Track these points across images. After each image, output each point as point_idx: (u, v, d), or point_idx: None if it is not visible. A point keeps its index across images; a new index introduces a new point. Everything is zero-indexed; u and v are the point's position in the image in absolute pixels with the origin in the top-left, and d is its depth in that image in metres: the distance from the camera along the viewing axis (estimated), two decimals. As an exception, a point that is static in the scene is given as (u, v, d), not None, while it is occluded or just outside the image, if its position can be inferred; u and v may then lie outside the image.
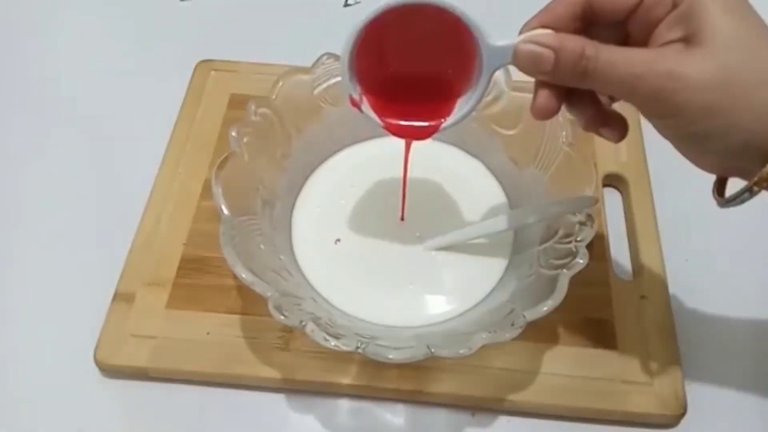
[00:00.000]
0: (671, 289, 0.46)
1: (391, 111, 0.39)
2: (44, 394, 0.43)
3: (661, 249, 0.48)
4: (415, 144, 0.43)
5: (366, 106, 0.39)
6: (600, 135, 0.36)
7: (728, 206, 0.34)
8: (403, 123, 0.40)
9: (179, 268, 0.47)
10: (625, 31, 0.34)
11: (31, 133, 0.56)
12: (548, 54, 0.33)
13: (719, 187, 0.35)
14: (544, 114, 0.35)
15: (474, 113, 0.38)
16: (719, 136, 0.31)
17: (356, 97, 0.38)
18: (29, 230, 0.51)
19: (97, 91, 0.58)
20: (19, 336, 0.46)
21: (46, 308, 0.47)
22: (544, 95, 0.34)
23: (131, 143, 0.55)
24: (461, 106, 0.38)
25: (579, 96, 0.35)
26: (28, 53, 0.62)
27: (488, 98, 0.47)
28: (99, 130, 0.56)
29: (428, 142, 0.51)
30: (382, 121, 0.39)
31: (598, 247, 0.47)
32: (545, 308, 0.37)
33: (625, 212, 0.50)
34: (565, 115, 0.44)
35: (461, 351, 0.36)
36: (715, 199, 0.35)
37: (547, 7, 0.34)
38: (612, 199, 0.51)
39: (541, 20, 0.34)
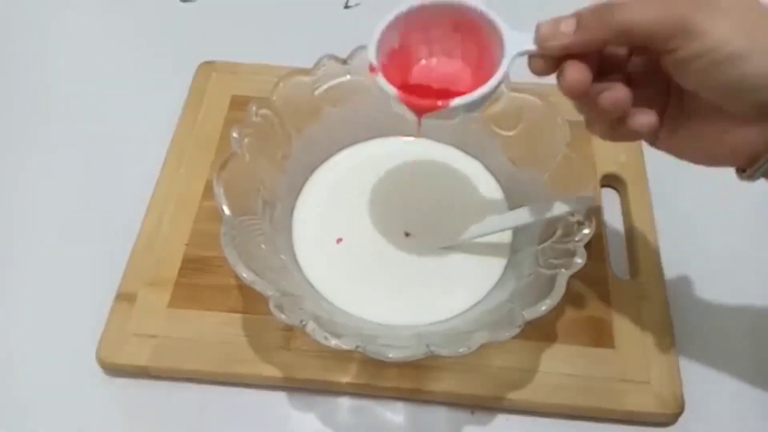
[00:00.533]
0: (669, 289, 0.46)
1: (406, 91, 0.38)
2: (46, 392, 0.44)
3: (659, 249, 0.48)
4: (416, 145, 0.43)
5: (381, 77, 0.37)
6: (630, 126, 0.35)
7: (755, 177, 0.34)
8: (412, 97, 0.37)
9: (181, 267, 0.47)
10: None
11: (32, 134, 0.56)
12: (569, 17, 0.33)
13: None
14: (578, 87, 0.33)
15: (476, 114, 0.38)
16: (744, 90, 0.31)
17: (376, 65, 0.37)
18: (32, 230, 0.51)
19: (99, 92, 0.59)
20: (21, 335, 0.46)
21: (48, 308, 0.47)
22: (573, 67, 0.33)
23: (133, 144, 0.55)
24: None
25: (607, 70, 0.35)
26: (30, 55, 0.62)
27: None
28: (101, 132, 0.56)
29: (429, 142, 0.51)
30: (398, 91, 0.37)
31: (596, 246, 0.47)
32: (544, 307, 0.37)
33: (623, 212, 0.50)
34: (563, 115, 0.44)
35: (461, 350, 0.36)
36: (738, 175, 0.35)
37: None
38: (610, 199, 0.51)
39: None
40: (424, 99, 0.37)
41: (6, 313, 0.47)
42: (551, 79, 0.34)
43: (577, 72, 0.33)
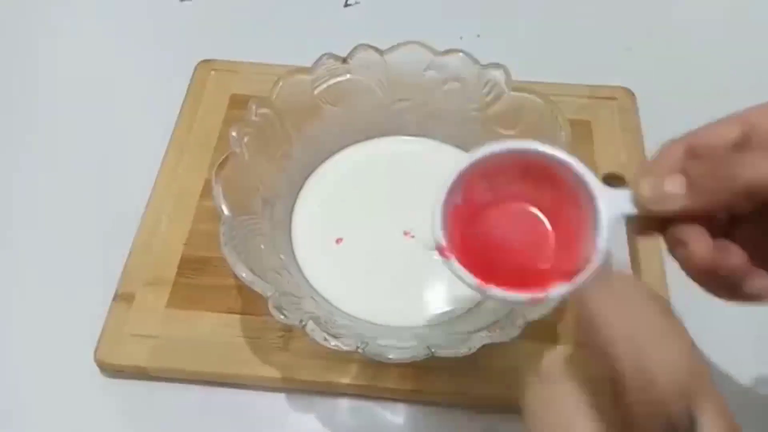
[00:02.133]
0: (671, 290, 0.46)
1: (484, 270, 0.32)
2: (44, 393, 0.43)
3: (661, 250, 0.48)
4: (416, 144, 0.42)
5: (456, 263, 0.32)
6: (746, 290, 0.30)
7: None
8: (501, 291, 0.31)
9: (179, 267, 0.47)
10: None
11: (31, 133, 0.56)
12: (675, 175, 0.28)
13: None
14: (705, 264, 0.29)
15: (477, 114, 0.36)
16: None
17: (444, 245, 0.32)
18: (29, 231, 0.51)
19: (98, 91, 0.58)
20: (19, 336, 0.46)
21: (46, 308, 0.47)
22: (698, 241, 0.28)
23: (131, 143, 0.55)
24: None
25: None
26: (28, 53, 0.62)
27: (488, 98, 0.47)
28: (99, 130, 0.56)
29: (429, 142, 0.51)
30: (478, 280, 0.31)
31: (598, 247, 0.47)
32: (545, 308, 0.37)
33: (624, 212, 0.50)
34: (563, 114, 0.44)
35: (461, 350, 0.36)
36: None
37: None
38: (612, 199, 0.51)
39: None
40: (514, 286, 0.31)
41: (5, 313, 0.47)
42: (551, 76, 0.34)
43: (704, 246, 0.28)
